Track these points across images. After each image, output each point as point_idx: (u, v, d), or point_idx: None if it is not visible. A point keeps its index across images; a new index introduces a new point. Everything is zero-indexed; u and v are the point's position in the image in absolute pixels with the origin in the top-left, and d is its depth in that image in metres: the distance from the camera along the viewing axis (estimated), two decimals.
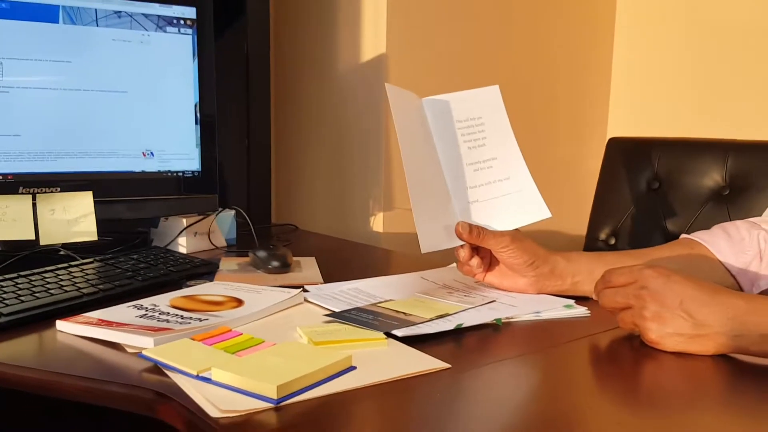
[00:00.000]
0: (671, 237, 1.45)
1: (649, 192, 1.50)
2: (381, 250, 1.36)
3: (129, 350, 0.69)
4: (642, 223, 1.52)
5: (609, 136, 1.63)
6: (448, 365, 0.65)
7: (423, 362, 0.66)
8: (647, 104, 1.86)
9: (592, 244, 1.55)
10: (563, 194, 1.77)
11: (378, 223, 1.48)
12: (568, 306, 0.85)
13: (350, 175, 1.54)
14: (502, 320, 0.80)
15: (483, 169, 0.92)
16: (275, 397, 0.56)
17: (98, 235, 1.07)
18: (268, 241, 1.33)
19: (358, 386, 0.60)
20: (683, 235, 0.97)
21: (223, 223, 1.26)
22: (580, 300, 0.87)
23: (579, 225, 1.62)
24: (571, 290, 0.89)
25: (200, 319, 0.76)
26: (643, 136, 1.59)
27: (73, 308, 0.82)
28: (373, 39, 1.44)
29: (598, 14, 1.84)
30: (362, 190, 1.51)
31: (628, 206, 1.53)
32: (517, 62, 1.66)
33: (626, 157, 1.55)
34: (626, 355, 0.73)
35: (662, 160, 1.50)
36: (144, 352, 0.65)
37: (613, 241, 1.54)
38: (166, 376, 0.62)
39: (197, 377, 0.61)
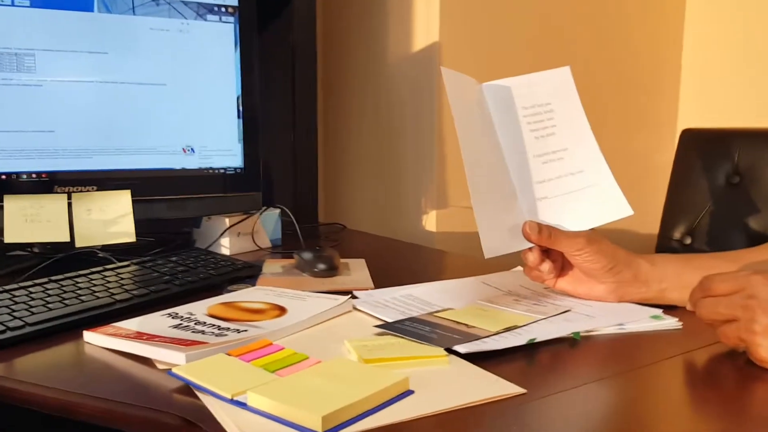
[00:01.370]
0: (753, 236, 1.32)
1: (728, 187, 1.37)
2: (435, 251, 1.27)
3: (159, 366, 0.61)
4: (721, 221, 1.39)
5: (680, 127, 1.51)
6: (523, 390, 0.56)
7: (493, 386, 0.56)
8: (721, 93, 1.71)
9: (665, 243, 1.43)
10: (631, 190, 1.64)
11: (431, 221, 1.39)
12: (656, 317, 0.74)
13: (402, 170, 1.45)
14: (581, 334, 0.69)
15: (553, 161, 0.82)
16: (320, 430, 0.47)
17: (140, 236, 1.01)
18: (315, 242, 1.26)
19: (416, 416, 0.51)
20: None
21: (268, 222, 1.20)
22: (668, 309, 0.76)
23: (649, 224, 1.49)
24: (656, 298, 0.78)
25: (238, 330, 0.68)
26: (718, 126, 1.46)
27: (104, 316, 0.75)
28: (425, 26, 1.36)
29: None
30: (415, 187, 1.43)
31: (705, 203, 1.41)
32: (581, 49, 1.55)
33: (702, 149, 1.43)
34: (730, 376, 0.62)
35: (743, 153, 1.37)
36: (174, 370, 0.58)
37: (688, 241, 1.41)
38: (197, 398, 0.55)
39: (231, 401, 0.53)
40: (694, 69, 1.75)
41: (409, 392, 0.55)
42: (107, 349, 0.66)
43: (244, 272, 0.96)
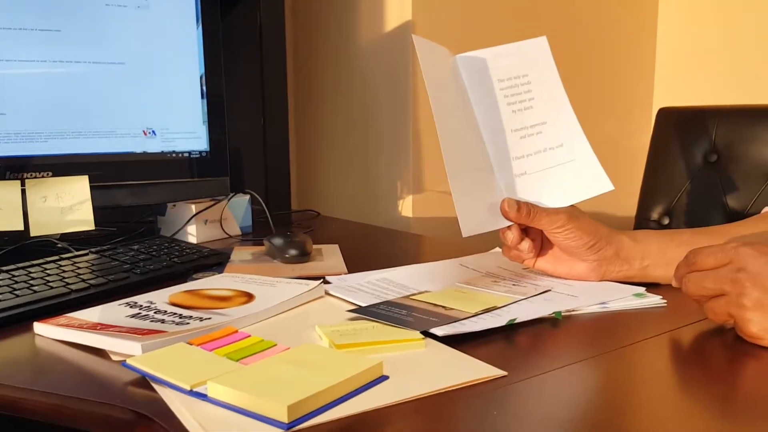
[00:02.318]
0: (732, 214, 1.31)
1: (706, 165, 1.36)
2: (411, 235, 1.24)
3: (113, 358, 0.57)
4: (699, 200, 1.38)
5: (656, 106, 1.49)
6: (503, 372, 0.52)
7: (472, 369, 0.53)
8: (697, 71, 1.70)
9: (643, 225, 1.41)
10: (608, 171, 1.62)
11: (407, 207, 1.36)
12: (639, 295, 0.72)
13: (376, 154, 1.41)
14: (562, 314, 0.66)
15: (531, 136, 0.78)
16: (286, 421, 0.43)
17: (101, 225, 0.96)
18: (287, 228, 1.22)
19: (391, 402, 0.48)
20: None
21: (237, 208, 1.15)
22: (651, 287, 0.73)
23: (626, 205, 1.48)
24: (639, 276, 0.75)
25: (201, 318, 0.64)
26: (694, 104, 1.44)
27: (58, 307, 0.71)
28: (398, 4, 1.32)
29: None
30: (389, 171, 1.39)
31: (682, 182, 1.39)
32: (556, 28, 1.52)
33: (679, 128, 1.41)
34: (719, 354, 0.60)
35: (721, 131, 1.35)
36: (128, 361, 0.53)
37: (666, 221, 1.40)
38: (154, 390, 0.50)
39: (190, 393, 0.49)
40: (670, 47, 1.74)
41: (384, 378, 0.51)
42: (59, 341, 0.62)
43: (211, 260, 0.92)
